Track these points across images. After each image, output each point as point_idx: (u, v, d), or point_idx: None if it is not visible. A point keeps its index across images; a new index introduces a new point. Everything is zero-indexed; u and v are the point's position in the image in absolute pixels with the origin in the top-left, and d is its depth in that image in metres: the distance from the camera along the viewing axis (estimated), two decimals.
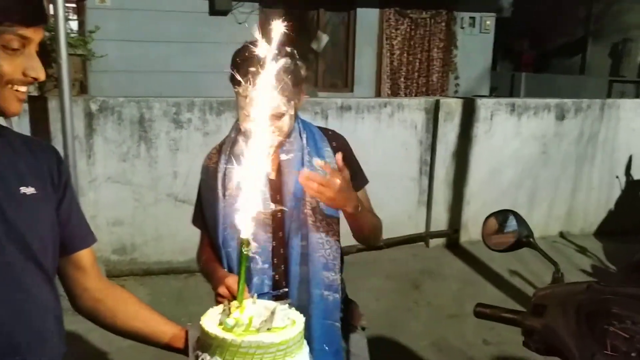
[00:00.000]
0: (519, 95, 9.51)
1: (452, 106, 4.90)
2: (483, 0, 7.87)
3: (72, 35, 5.27)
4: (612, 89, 9.13)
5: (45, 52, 4.00)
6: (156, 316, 1.31)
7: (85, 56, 4.99)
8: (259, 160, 1.07)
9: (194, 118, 4.26)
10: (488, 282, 4.32)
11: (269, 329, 1.02)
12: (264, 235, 1.60)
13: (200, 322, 1.06)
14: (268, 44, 1.06)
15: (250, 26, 1.06)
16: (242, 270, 1.08)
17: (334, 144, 1.70)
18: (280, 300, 1.15)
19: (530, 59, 10.60)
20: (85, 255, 1.27)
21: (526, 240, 1.40)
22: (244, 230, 1.06)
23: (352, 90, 7.69)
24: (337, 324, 1.65)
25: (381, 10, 7.61)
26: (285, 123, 1.57)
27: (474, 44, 7.97)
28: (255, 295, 1.14)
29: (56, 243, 1.18)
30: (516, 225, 1.40)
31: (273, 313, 1.04)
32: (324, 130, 1.74)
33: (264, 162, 1.07)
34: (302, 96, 1.62)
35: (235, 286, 1.41)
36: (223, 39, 6.16)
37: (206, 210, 1.71)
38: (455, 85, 7.96)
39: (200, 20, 6.76)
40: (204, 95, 4.40)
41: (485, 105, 4.95)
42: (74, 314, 1.25)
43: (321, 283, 1.61)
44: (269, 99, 1.27)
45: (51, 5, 3.56)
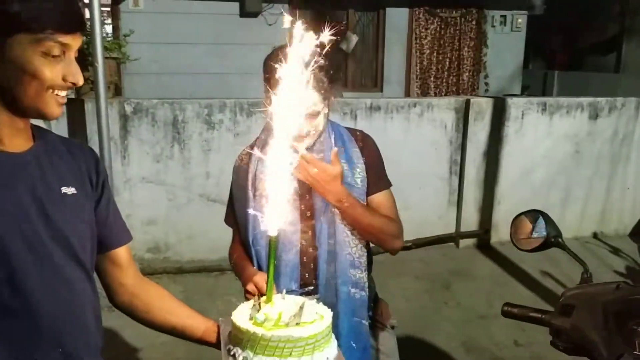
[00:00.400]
0: (551, 94, 9.35)
1: (483, 105, 4.87)
2: None
3: (108, 39, 5.39)
4: None
5: (82, 56, 4.11)
6: (190, 311, 1.35)
7: (120, 59, 5.08)
8: (289, 160, 1.10)
9: (225, 119, 4.33)
10: (519, 283, 4.28)
11: (297, 324, 1.05)
12: (293, 234, 1.63)
13: (232, 317, 1.10)
14: (298, 45, 1.09)
15: (280, 28, 1.08)
16: (271, 266, 1.11)
17: (362, 145, 1.72)
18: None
19: (564, 57, 10.39)
20: (122, 253, 1.32)
21: (555, 240, 1.39)
22: (272, 229, 1.09)
23: (382, 90, 7.67)
24: (365, 321, 1.67)
25: (411, 9, 7.57)
26: (320, 122, 1.60)
27: (505, 43, 7.87)
28: (285, 291, 1.17)
29: (94, 240, 1.23)
30: (544, 225, 1.40)
31: (302, 308, 1.07)
32: (352, 131, 1.77)
33: (293, 162, 1.10)
34: (332, 97, 1.65)
35: (263, 283, 1.45)
36: (253, 40, 6.23)
37: (237, 210, 1.76)
38: (485, 85, 7.86)
39: (231, 23, 6.83)
40: (235, 97, 4.47)
41: (516, 105, 4.90)
42: (109, 311, 1.30)
43: (348, 281, 1.64)
44: (305, 98, 1.33)
45: (87, 10, 3.66)
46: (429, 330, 3.54)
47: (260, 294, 1.40)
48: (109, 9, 6.76)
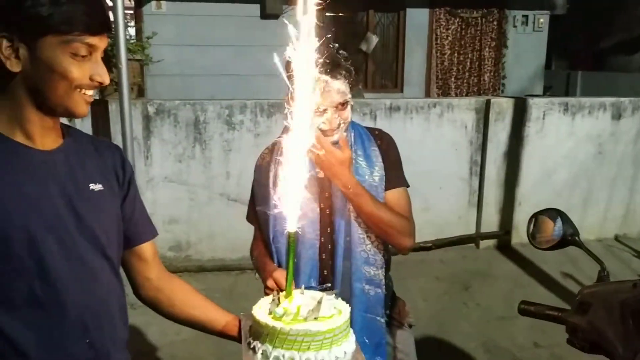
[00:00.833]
0: (575, 95, 9.23)
1: (503, 106, 4.84)
2: None
3: (131, 41, 5.48)
4: None
5: (107, 58, 4.19)
6: (212, 305, 1.38)
7: (143, 61, 5.18)
8: (306, 156, 1.12)
9: (246, 120, 4.38)
10: (540, 285, 4.24)
11: (316, 318, 1.07)
12: (313, 231, 1.66)
13: (252, 311, 1.13)
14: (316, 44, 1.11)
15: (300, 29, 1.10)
16: (290, 262, 1.13)
17: (380, 143, 1.74)
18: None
19: (587, 57, 10.25)
20: (147, 248, 1.36)
21: (571, 238, 1.39)
22: (291, 225, 1.11)
23: (402, 91, 7.66)
24: (380, 318, 1.69)
25: (431, 10, 7.55)
26: (349, 113, 1.63)
27: (527, 43, 7.80)
28: (303, 286, 1.19)
29: (120, 236, 1.28)
30: (562, 224, 1.41)
31: (320, 303, 1.09)
32: (371, 130, 1.79)
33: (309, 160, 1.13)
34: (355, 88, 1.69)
35: (282, 279, 1.48)
36: (274, 42, 6.25)
37: (258, 208, 1.79)
38: (502, 85, 7.82)
39: (252, 24, 6.89)
40: (256, 98, 4.51)
41: (537, 105, 4.86)
42: (132, 309, 1.34)
43: (362, 277, 1.66)
44: (333, 90, 1.36)
45: (111, 13, 3.74)
46: (448, 330, 3.54)
47: (280, 290, 1.43)
48: (132, 12, 6.87)
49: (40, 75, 1.07)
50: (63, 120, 1.23)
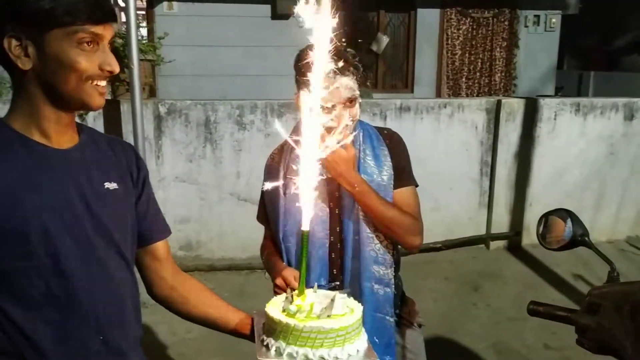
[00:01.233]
0: (587, 95, 9.17)
1: (514, 106, 4.83)
2: None
3: (143, 41, 5.51)
4: None
5: (119, 58, 4.22)
6: (224, 304, 1.40)
7: (154, 61, 5.20)
8: (316, 153, 1.13)
9: (257, 120, 4.40)
10: (550, 286, 4.23)
11: (329, 316, 1.08)
12: (322, 231, 1.67)
13: (265, 309, 1.14)
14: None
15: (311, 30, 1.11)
16: (303, 260, 1.14)
17: (389, 142, 1.75)
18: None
19: (599, 57, 10.17)
20: (161, 247, 1.37)
21: (581, 238, 1.39)
22: (304, 224, 1.13)
23: (412, 91, 7.66)
24: (390, 317, 1.70)
25: (442, 10, 7.54)
26: (357, 110, 1.65)
27: (539, 43, 7.76)
28: (316, 285, 1.20)
29: (134, 234, 1.29)
30: (572, 224, 1.40)
31: (333, 301, 1.10)
32: (380, 129, 1.80)
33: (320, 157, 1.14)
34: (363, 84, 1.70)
35: (291, 278, 1.51)
36: (285, 42, 6.28)
37: (268, 208, 1.80)
38: (514, 86, 7.79)
39: (263, 25, 6.91)
40: (266, 98, 4.53)
41: (548, 105, 4.84)
42: (143, 307, 1.35)
43: (371, 276, 1.67)
44: (342, 85, 1.37)
45: (123, 14, 3.77)
46: (457, 331, 3.54)
47: (290, 288, 1.45)
48: (144, 13, 6.92)
49: (50, 69, 1.09)
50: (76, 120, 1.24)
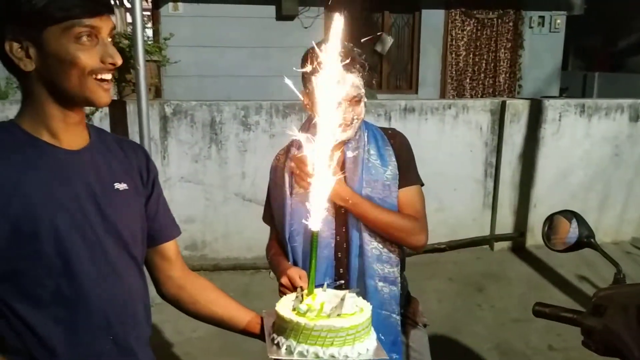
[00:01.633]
0: (591, 96, 9.16)
1: (519, 107, 4.83)
2: None
3: (149, 42, 5.54)
4: None
5: (124, 59, 4.25)
6: (234, 303, 1.40)
7: (160, 62, 5.23)
8: (326, 153, 1.14)
9: (262, 121, 4.41)
10: (555, 287, 4.22)
11: (339, 315, 1.09)
12: (328, 230, 1.68)
13: (276, 308, 1.15)
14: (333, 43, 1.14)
15: (316, 30, 1.12)
16: (313, 260, 1.16)
17: (393, 142, 1.77)
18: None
19: (604, 58, 10.16)
20: (170, 247, 1.38)
21: (587, 240, 1.40)
22: (314, 224, 1.14)
23: (417, 92, 7.67)
24: (395, 315, 1.71)
25: (446, 11, 7.55)
26: (362, 109, 1.66)
27: (544, 44, 7.76)
28: (326, 284, 1.22)
29: (144, 234, 1.30)
30: (577, 225, 1.41)
31: (343, 300, 1.11)
32: (384, 130, 1.82)
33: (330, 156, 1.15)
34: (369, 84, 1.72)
35: (296, 277, 1.52)
36: (290, 43, 6.31)
37: (274, 208, 1.82)
38: (518, 87, 7.78)
39: (268, 26, 6.93)
40: (271, 99, 4.55)
41: (553, 106, 4.84)
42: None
43: (375, 274, 1.68)
44: (347, 84, 1.38)
45: (129, 14, 3.79)
46: (461, 332, 3.54)
47: (294, 287, 1.46)
48: (149, 13, 6.95)
49: (52, 68, 1.09)
50: None
